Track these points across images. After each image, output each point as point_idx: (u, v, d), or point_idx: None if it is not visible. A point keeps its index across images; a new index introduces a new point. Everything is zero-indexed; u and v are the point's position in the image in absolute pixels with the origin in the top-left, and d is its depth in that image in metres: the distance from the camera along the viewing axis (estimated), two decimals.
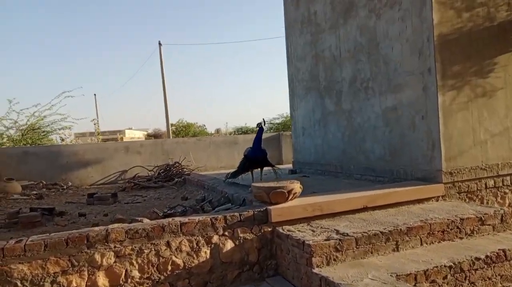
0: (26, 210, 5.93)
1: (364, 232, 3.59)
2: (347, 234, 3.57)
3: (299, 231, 3.77)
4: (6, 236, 4.73)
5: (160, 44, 24.65)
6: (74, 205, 7.32)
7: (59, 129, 15.40)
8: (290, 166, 9.12)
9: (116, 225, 3.60)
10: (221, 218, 3.80)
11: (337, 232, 3.66)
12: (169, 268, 3.62)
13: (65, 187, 9.95)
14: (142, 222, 3.92)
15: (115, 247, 3.45)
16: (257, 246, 3.92)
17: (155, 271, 3.58)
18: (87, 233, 3.39)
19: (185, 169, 10.81)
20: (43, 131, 15.31)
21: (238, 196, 5.15)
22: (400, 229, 3.65)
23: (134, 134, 54.89)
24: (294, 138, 8.65)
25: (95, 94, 46.30)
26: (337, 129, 6.71)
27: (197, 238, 3.72)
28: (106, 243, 3.42)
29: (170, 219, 3.73)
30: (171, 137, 24.14)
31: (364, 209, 4.23)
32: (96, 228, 3.55)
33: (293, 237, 3.62)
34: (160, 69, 24.40)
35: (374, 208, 4.29)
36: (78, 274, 3.34)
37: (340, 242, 3.43)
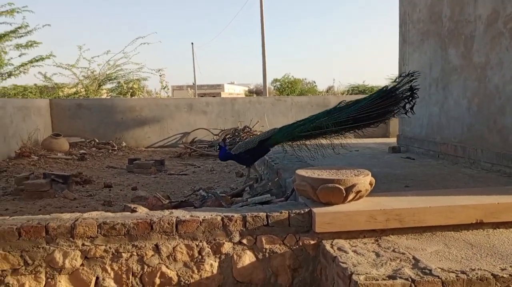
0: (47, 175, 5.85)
1: (462, 271, 2.51)
2: (430, 271, 2.50)
3: (355, 252, 2.88)
4: (2, 207, 4.64)
5: None
6: (113, 172, 7.29)
7: (132, 80, 16.12)
8: (394, 141, 8.10)
9: (89, 214, 3.07)
10: (237, 219, 3.05)
11: (415, 263, 2.63)
12: (157, 281, 2.98)
13: (116, 148, 10.07)
14: (136, 211, 3.37)
15: (83, 245, 2.92)
16: (290, 264, 3.10)
17: (137, 284, 3.00)
18: (47, 223, 2.91)
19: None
20: (121, 81, 16.09)
21: (291, 183, 4.36)
22: None
23: (234, 90, 56.92)
24: None
25: (192, 43, 47.82)
26: (462, 94, 5.73)
27: (200, 243, 3.02)
28: (71, 239, 2.91)
29: (162, 214, 3.08)
30: (267, 94, 23.98)
31: (478, 225, 3.20)
32: (65, 216, 3.07)
33: (339, 263, 2.69)
34: (259, 14, 23.76)
35: (495, 225, 3.24)
36: (33, 275, 2.89)
37: (414, 286, 2.42)
